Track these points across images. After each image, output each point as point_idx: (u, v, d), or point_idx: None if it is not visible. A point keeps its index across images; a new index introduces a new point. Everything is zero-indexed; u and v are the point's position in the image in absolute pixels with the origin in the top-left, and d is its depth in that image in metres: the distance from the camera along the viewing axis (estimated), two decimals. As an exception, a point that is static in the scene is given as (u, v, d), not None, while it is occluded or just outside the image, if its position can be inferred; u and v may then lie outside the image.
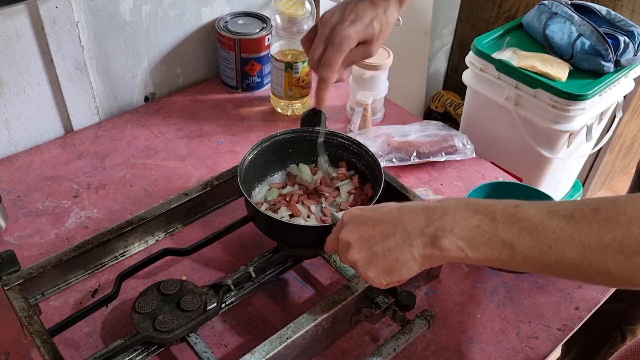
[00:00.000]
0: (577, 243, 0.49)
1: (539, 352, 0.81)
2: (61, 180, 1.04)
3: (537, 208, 0.53)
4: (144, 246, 0.87)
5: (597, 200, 0.51)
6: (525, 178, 1.47)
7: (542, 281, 0.91)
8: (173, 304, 0.74)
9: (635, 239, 0.47)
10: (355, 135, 1.03)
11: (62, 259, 0.76)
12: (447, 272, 0.91)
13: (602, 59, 1.34)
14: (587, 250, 0.49)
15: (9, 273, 0.74)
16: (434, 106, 2.22)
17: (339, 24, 0.78)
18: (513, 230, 0.53)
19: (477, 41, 1.44)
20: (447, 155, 1.08)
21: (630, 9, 1.71)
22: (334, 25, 0.78)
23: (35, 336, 0.68)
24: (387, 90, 1.18)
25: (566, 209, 0.51)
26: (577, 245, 0.49)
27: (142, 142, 1.13)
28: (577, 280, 0.52)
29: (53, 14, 0.99)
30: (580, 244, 0.49)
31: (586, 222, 0.50)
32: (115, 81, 1.16)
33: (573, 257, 0.50)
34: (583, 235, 0.49)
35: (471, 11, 2.09)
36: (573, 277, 0.52)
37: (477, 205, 0.56)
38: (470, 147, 1.10)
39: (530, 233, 0.52)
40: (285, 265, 0.87)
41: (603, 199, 0.50)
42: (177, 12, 1.17)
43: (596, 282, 0.51)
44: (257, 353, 0.66)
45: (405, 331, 0.75)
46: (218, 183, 0.88)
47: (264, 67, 1.24)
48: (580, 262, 0.50)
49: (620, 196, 0.49)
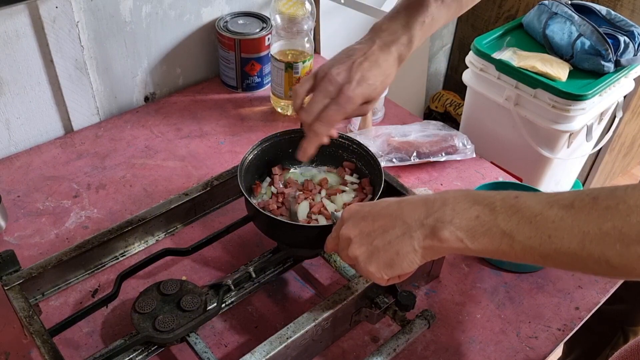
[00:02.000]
0: (577, 232, 0.50)
1: (539, 352, 0.81)
2: (61, 180, 1.04)
3: (537, 198, 0.53)
4: (144, 246, 0.87)
5: (596, 190, 0.51)
6: (525, 178, 1.47)
7: (542, 281, 0.91)
8: (173, 304, 0.74)
9: (635, 228, 0.47)
10: (355, 135, 1.03)
11: (62, 259, 0.76)
12: (447, 272, 0.91)
13: (602, 59, 1.34)
14: (586, 239, 0.49)
15: (9, 273, 0.74)
16: (434, 106, 2.22)
17: (346, 84, 0.75)
18: (512, 220, 0.53)
19: (477, 41, 1.44)
20: (447, 155, 1.08)
21: (630, 9, 1.71)
22: (341, 85, 0.75)
23: (35, 336, 0.68)
24: (387, 91, 1.18)
25: (566, 199, 0.51)
26: (577, 235, 0.50)
27: (142, 142, 1.13)
28: (577, 270, 0.52)
29: (53, 14, 0.99)
30: (580, 233, 0.49)
31: (585, 212, 0.50)
32: (115, 81, 1.16)
33: (572, 247, 0.50)
34: (582, 224, 0.49)
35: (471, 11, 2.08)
36: (573, 267, 0.52)
37: (476, 196, 0.56)
38: (471, 147, 1.10)
39: (530, 223, 0.52)
40: (285, 265, 0.87)
41: (603, 189, 0.50)
42: (177, 12, 1.17)
43: (595, 272, 0.51)
44: (257, 353, 0.66)
45: (405, 331, 0.75)
46: (218, 183, 0.88)
47: (264, 67, 1.24)
48: (579, 251, 0.50)
49: (619, 186, 0.50)
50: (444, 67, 2.27)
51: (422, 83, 2.12)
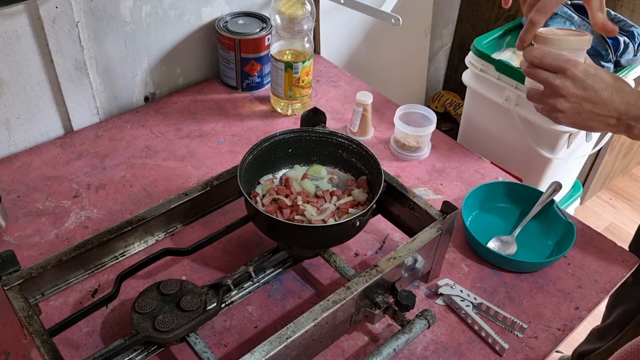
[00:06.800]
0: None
1: (539, 352, 0.81)
2: (61, 180, 1.04)
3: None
4: (144, 246, 0.86)
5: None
6: (525, 178, 1.47)
7: (542, 281, 0.91)
8: (173, 304, 0.74)
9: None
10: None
11: (62, 259, 0.76)
12: (447, 272, 0.91)
13: (602, 59, 1.34)
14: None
15: (9, 273, 0.74)
16: (434, 106, 2.22)
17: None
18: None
19: (477, 41, 1.44)
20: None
21: (630, 9, 1.71)
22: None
23: (35, 336, 0.68)
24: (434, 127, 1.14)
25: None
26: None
27: (142, 142, 1.13)
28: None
29: (53, 14, 0.99)
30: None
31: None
32: (115, 81, 1.16)
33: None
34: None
35: (471, 11, 2.08)
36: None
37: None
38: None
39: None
40: (285, 265, 0.87)
41: None
42: (177, 12, 1.17)
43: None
44: (257, 353, 0.66)
45: (405, 331, 0.75)
46: (218, 183, 0.88)
47: (264, 67, 1.24)
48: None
49: None
50: (444, 67, 2.27)
51: (422, 83, 2.12)
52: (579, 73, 0.75)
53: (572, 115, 0.77)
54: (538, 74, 0.78)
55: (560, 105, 0.77)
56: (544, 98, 0.79)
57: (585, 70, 0.76)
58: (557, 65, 0.76)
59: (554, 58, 0.76)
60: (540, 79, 0.78)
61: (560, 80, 0.76)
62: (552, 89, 0.77)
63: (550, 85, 0.77)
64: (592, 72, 0.76)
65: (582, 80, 0.75)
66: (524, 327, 0.82)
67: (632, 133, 0.77)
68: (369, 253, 0.94)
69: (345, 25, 1.56)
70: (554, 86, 0.76)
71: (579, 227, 0.99)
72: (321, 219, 0.84)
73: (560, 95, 0.77)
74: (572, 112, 0.77)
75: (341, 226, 0.80)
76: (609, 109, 0.76)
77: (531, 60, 0.78)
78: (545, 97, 0.78)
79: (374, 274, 0.74)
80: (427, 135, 1.11)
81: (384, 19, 1.21)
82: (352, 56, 1.64)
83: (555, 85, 0.76)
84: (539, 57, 0.77)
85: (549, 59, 0.76)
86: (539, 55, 0.77)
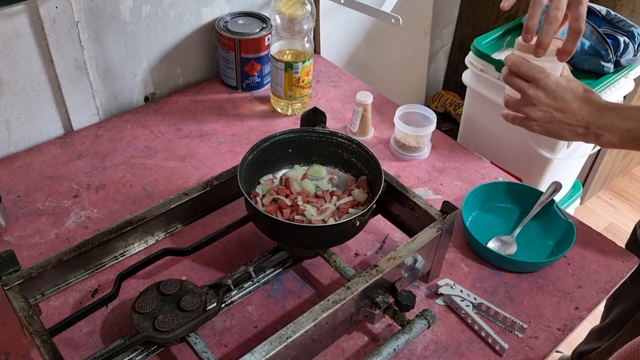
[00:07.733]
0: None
1: (539, 352, 0.81)
2: (61, 180, 1.04)
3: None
4: (144, 246, 0.86)
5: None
6: (525, 178, 1.47)
7: (542, 281, 0.91)
8: (173, 304, 0.74)
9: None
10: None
11: (62, 259, 0.76)
12: (447, 272, 0.91)
13: (602, 59, 1.34)
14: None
15: (9, 273, 0.74)
16: (434, 106, 2.22)
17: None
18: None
19: (477, 41, 1.44)
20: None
21: (630, 9, 1.71)
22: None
23: (35, 336, 0.68)
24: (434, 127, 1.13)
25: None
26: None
27: (142, 142, 1.13)
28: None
29: (53, 14, 0.99)
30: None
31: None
32: (115, 81, 1.16)
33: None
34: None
35: (471, 11, 2.08)
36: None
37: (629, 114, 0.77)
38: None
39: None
40: (285, 265, 0.87)
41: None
42: (177, 12, 1.17)
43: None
44: (257, 353, 0.66)
45: (405, 331, 0.75)
46: (218, 183, 0.88)
47: (263, 67, 1.24)
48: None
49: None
50: (444, 67, 2.27)
51: (422, 83, 2.12)
52: (551, 84, 0.78)
53: (544, 123, 0.80)
54: (515, 82, 0.80)
55: (534, 114, 0.80)
56: (519, 106, 0.81)
57: (556, 81, 0.78)
58: (532, 75, 0.78)
59: (530, 68, 0.78)
60: (517, 87, 0.80)
61: (533, 90, 0.79)
62: (526, 98, 0.80)
63: (525, 94, 0.80)
64: (564, 84, 0.79)
65: (554, 91, 0.78)
66: (524, 327, 0.82)
67: (601, 141, 0.79)
68: (369, 253, 0.94)
69: (345, 25, 1.56)
70: (527, 95, 0.79)
71: (579, 227, 0.99)
72: (321, 219, 0.84)
73: (533, 104, 0.79)
74: (544, 121, 0.80)
75: (341, 226, 0.80)
76: (577, 119, 0.78)
77: (509, 67, 0.80)
78: (521, 106, 0.81)
79: (374, 274, 0.74)
80: (427, 135, 1.11)
81: (384, 19, 1.21)
82: (352, 56, 1.64)
83: (529, 95, 0.79)
84: (517, 65, 0.79)
85: (525, 68, 0.78)
86: (517, 63, 0.79)
